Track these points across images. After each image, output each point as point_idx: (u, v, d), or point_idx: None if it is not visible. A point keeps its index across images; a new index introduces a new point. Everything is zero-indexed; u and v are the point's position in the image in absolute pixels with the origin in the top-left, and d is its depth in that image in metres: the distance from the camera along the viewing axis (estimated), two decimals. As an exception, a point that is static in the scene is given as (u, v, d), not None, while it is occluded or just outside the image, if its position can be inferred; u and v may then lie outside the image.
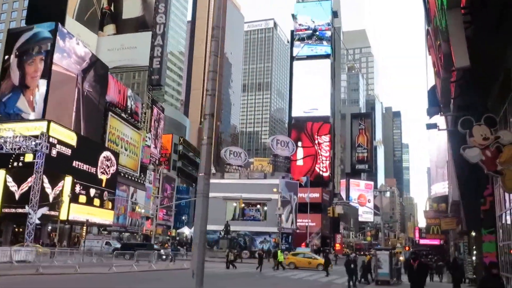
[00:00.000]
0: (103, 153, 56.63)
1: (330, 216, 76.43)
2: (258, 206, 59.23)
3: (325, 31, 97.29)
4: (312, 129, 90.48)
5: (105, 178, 55.83)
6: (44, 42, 53.05)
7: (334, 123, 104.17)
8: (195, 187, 69.50)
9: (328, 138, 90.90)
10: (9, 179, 43.00)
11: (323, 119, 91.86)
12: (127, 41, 78.16)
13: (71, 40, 55.76)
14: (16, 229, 44.56)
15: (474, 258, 23.55)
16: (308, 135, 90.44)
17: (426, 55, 19.92)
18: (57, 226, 44.24)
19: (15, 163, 42.78)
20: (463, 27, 9.40)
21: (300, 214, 64.72)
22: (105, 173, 55.83)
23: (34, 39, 53.61)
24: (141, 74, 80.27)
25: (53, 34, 52.62)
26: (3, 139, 34.29)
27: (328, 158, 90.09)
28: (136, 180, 69.94)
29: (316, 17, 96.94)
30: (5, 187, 42.91)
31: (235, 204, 56.24)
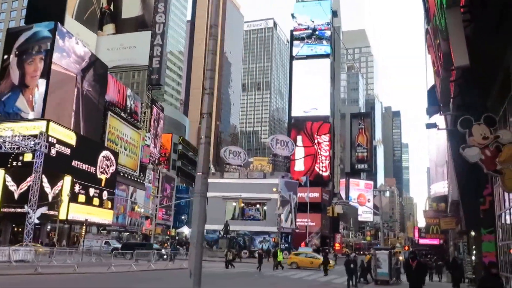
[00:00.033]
0: (103, 152, 56.63)
1: (330, 216, 76.28)
2: (258, 205, 59.18)
3: (324, 31, 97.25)
4: (311, 129, 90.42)
5: (105, 177, 55.82)
6: (44, 41, 53.03)
7: (334, 123, 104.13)
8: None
9: (327, 138, 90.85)
10: (8, 178, 43.03)
11: (323, 119, 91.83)
12: (127, 41, 78.08)
13: (71, 40, 55.72)
14: (15, 229, 44.53)
15: (473, 257, 23.53)
16: (307, 135, 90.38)
17: (426, 54, 19.93)
18: (56, 225, 44.21)
19: (14, 163, 42.85)
20: (462, 26, 9.37)
21: (300, 213, 64.66)
22: (104, 172, 55.81)
23: (33, 38, 53.60)
24: (141, 74, 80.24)
25: (52, 33, 52.64)
26: (2, 139, 34.23)
27: (327, 157, 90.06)
28: (136, 179, 69.90)
29: (316, 17, 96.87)
30: (4, 187, 42.94)
31: (234, 204, 56.21)
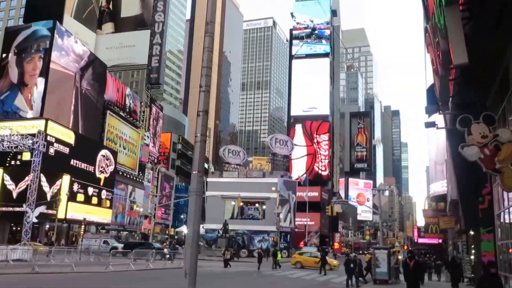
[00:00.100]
0: (101, 151, 56.51)
1: (329, 215, 76.47)
2: (257, 205, 59.06)
3: (324, 30, 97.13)
4: (311, 128, 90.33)
5: (104, 176, 55.71)
6: (43, 40, 52.89)
7: (333, 122, 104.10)
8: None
9: (327, 137, 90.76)
10: (7, 177, 42.90)
11: (322, 118, 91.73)
12: (126, 40, 77.95)
13: (69, 38, 55.59)
14: (13, 228, 44.45)
15: (472, 257, 23.50)
16: (307, 134, 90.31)
17: (425, 53, 19.83)
18: (54, 224, 44.12)
19: (13, 162, 42.70)
20: (461, 24, 9.31)
21: (299, 213, 64.56)
22: (103, 171, 55.70)
23: (32, 37, 53.45)
24: (140, 73, 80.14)
25: (51, 32, 52.49)
26: (0, 138, 34.16)
27: (327, 157, 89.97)
28: (135, 178, 69.80)
29: (315, 16, 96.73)
30: (3, 186, 42.80)
31: (233, 203, 56.12)
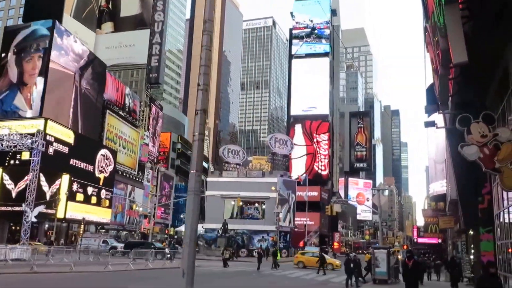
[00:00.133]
0: (101, 151, 56.45)
1: (328, 215, 76.26)
2: (256, 204, 58.97)
3: (323, 30, 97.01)
4: (310, 128, 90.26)
5: (103, 176, 55.65)
6: (42, 39, 52.82)
7: (333, 122, 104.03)
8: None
9: (326, 137, 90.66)
10: (6, 177, 42.85)
11: (322, 118, 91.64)
12: (125, 39, 77.84)
13: (69, 38, 55.53)
14: (12, 227, 44.38)
15: (472, 256, 23.48)
16: (306, 134, 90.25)
17: (425, 52, 19.79)
18: (54, 224, 44.07)
19: (12, 161, 42.68)
20: (461, 23, 9.29)
21: (299, 212, 64.48)
22: (102, 171, 55.65)
23: (32, 36, 53.39)
24: (139, 72, 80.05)
25: (50, 31, 52.43)
26: (-1, 137, 34.13)
27: (326, 156, 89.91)
28: (134, 178, 69.75)
29: (315, 16, 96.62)
30: (2, 185, 42.74)
31: (233, 203, 56.07)
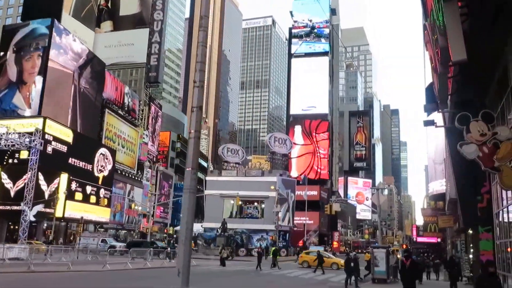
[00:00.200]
0: (100, 150, 56.36)
1: (328, 214, 76.18)
2: (256, 203, 58.93)
3: (323, 29, 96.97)
4: (310, 127, 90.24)
5: (102, 175, 55.57)
6: (42, 38, 52.70)
7: (332, 121, 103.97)
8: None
9: (326, 136, 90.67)
10: (4, 176, 42.77)
11: (321, 117, 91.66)
12: (125, 38, 77.70)
13: (68, 37, 55.41)
14: (11, 227, 44.29)
15: (471, 256, 23.43)
16: (306, 133, 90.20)
17: (424, 51, 19.72)
18: (52, 223, 43.97)
19: (10, 160, 42.57)
20: (460, 20, 9.23)
21: (298, 212, 64.50)
22: (101, 170, 55.56)
23: (31, 35, 53.28)
24: (139, 71, 79.96)
25: (49, 30, 52.31)
26: (-3, 136, 34.02)
27: (326, 155, 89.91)
28: (133, 177, 69.66)
29: (314, 15, 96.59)
30: (0, 184, 42.65)
31: (232, 202, 56.05)
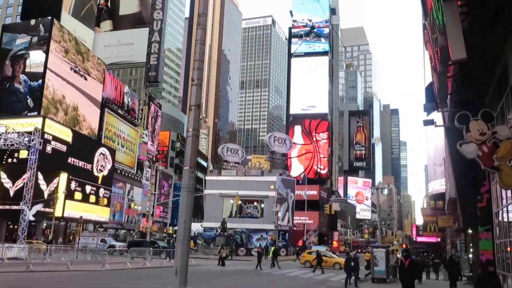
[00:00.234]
0: (99, 149, 56.30)
1: (328, 214, 76.18)
2: (255, 203, 58.89)
3: (323, 28, 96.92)
4: (310, 127, 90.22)
5: (101, 175, 55.53)
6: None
7: (332, 121, 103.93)
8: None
9: (326, 136, 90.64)
10: (4, 175, 42.72)
11: (321, 117, 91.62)
12: (124, 38, 77.66)
13: (67, 36, 55.26)
14: (10, 226, 44.25)
15: (470, 255, 23.40)
16: (306, 132, 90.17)
17: (424, 50, 19.68)
18: (52, 223, 43.91)
19: (9, 160, 42.54)
20: (459, 19, 9.19)
21: (298, 211, 64.45)
22: (101, 170, 55.51)
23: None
24: (138, 71, 79.89)
25: (49, 29, 52.15)
26: (-4, 135, 33.97)
27: (326, 155, 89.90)
28: (133, 177, 69.61)
29: (314, 14, 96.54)
30: (0, 184, 42.60)
31: (232, 201, 55.99)
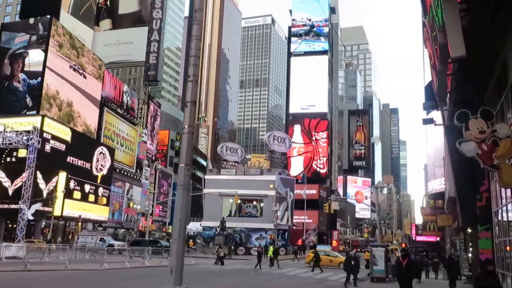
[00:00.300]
0: (98, 148, 56.25)
1: (327, 213, 76.14)
2: (255, 202, 58.87)
3: (322, 27, 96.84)
4: (309, 126, 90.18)
5: (101, 174, 55.48)
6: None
7: (332, 120, 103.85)
8: (192, 183, 69.17)
9: (325, 135, 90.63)
10: (2, 174, 42.69)
11: (321, 116, 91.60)
12: (123, 36, 77.55)
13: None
14: (9, 225, 44.19)
15: (470, 254, 23.37)
16: (305, 132, 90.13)
17: (423, 49, 19.63)
18: (51, 222, 43.85)
19: (8, 158, 42.48)
20: (459, 16, 9.12)
21: (297, 210, 64.40)
22: (100, 169, 55.45)
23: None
24: (138, 70, 79.79)
25: (48, 28, 52.08)
26: (-5, 134, 33.89)
27: (325, 154, 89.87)
28: (132, 176, 69.54)
29: (314, 13, 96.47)
30: (-2, 183, 42.59)
31: (231, 200, 55.92)
